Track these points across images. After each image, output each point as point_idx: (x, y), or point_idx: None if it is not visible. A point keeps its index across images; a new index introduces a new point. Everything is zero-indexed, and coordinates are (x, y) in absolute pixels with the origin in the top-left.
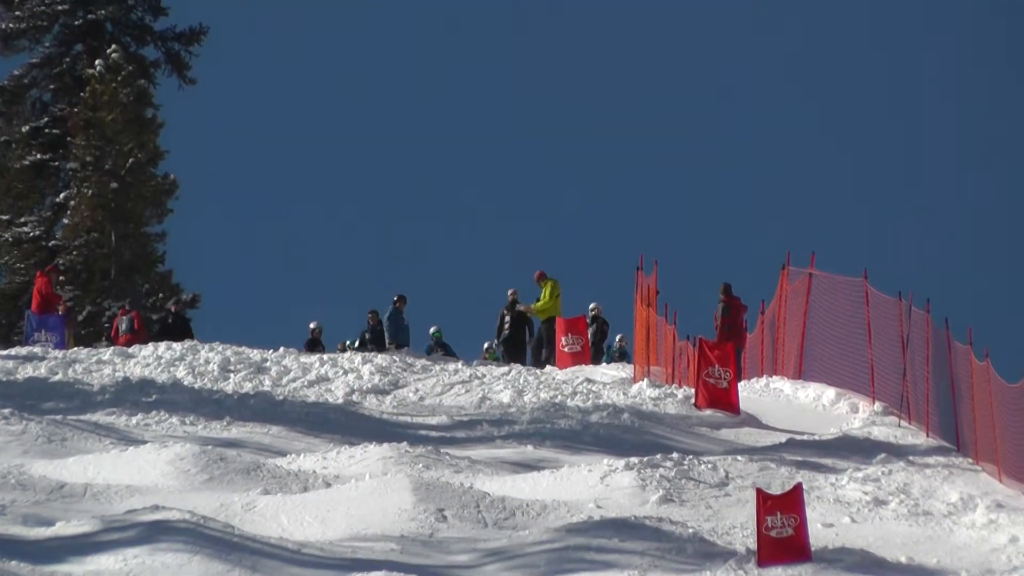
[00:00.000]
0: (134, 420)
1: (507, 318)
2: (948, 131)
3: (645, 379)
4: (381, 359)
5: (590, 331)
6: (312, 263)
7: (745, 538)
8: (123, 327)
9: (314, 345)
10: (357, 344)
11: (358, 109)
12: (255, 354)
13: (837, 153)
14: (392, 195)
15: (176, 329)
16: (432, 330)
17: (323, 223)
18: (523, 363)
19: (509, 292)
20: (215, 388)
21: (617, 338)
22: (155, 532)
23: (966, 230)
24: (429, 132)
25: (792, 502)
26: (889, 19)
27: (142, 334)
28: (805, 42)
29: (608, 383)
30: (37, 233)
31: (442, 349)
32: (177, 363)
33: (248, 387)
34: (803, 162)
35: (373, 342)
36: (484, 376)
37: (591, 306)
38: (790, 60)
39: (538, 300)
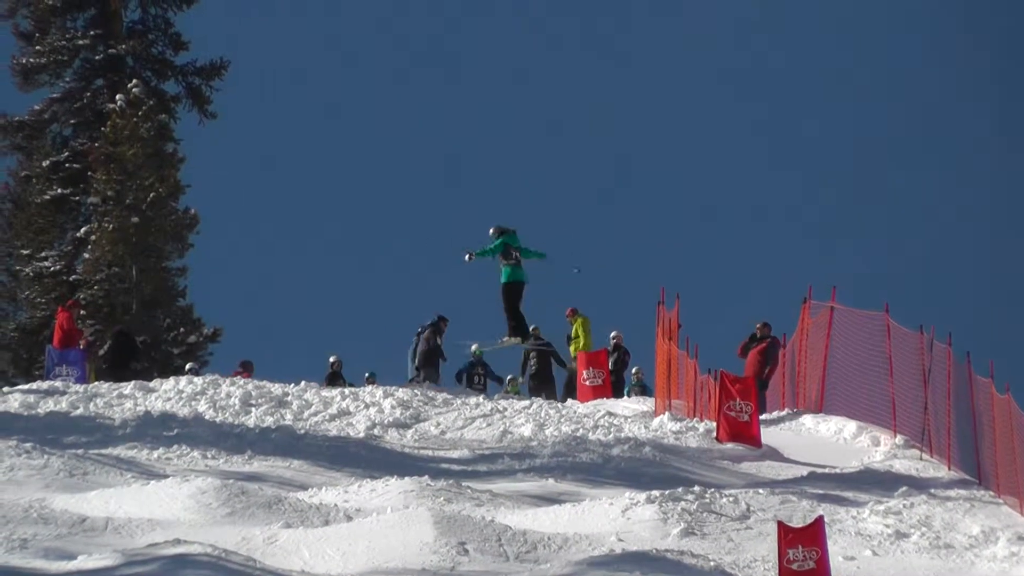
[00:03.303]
0: (155, 454)
1: (532, 353)
2: (970, 165)
3: (666, 412)
4: (402, 393)
5: (611, 360)
6: (333, 295)
7: (766, 571)
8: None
9: (334, 379)
10: (415, 357)
11: (381, 141)
12: (276, 388)
13: (859, 187)
14: (412, 227)
15: (123, 348)
16: (473, 348)
17: (344, 255)
18: (552, 398)
19: (531, 328)
20: (236, 422)
21: (634, 370)
22: (177, 566)
23: (988, 264)
24: (453, 166)
25: (813, 535)
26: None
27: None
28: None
29: (629, 416)
30: (58, 268)
31: (482, 367)
32: (198, 397)
33: (269, 421)
34: (825, 196)
35: (426, 359)
36: (505, 410)
37: (612, 335)
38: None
39: (571, 337)
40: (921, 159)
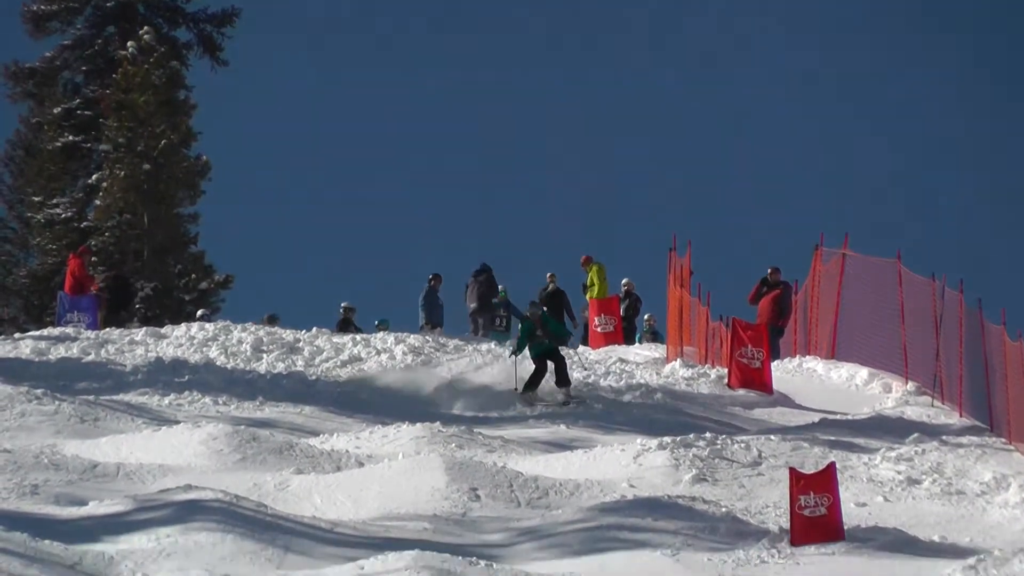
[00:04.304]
0: (167, 400)
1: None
2: (981, 110)
3: (678, 359)
4: (414, 339)
5: (623, 307)
6: (344, 243)
7: (778, 517)
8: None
9: (346, 325)
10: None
11: (392, 90)
12: (287, 334)
13: (871, 135)
14: (425, 174)
15: (116, 295)
16: (500, 288)
17: (356, 203)
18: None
19: (548, 276)
20: (248, 368)
21: (646, 317)
22: (188, 511)
23: (1001, 210)
24: (466, 109)
25: (825, 481)
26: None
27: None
28: (842, 20)
29: (641, 363)
30: (69, 215)
31: (507, 309)
32: (210, 343)
33: (281, 367)
34: (838, 143)
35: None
36: (517, 355)
37: (623, 282)
38: (819, 30)
39: (586, 285)
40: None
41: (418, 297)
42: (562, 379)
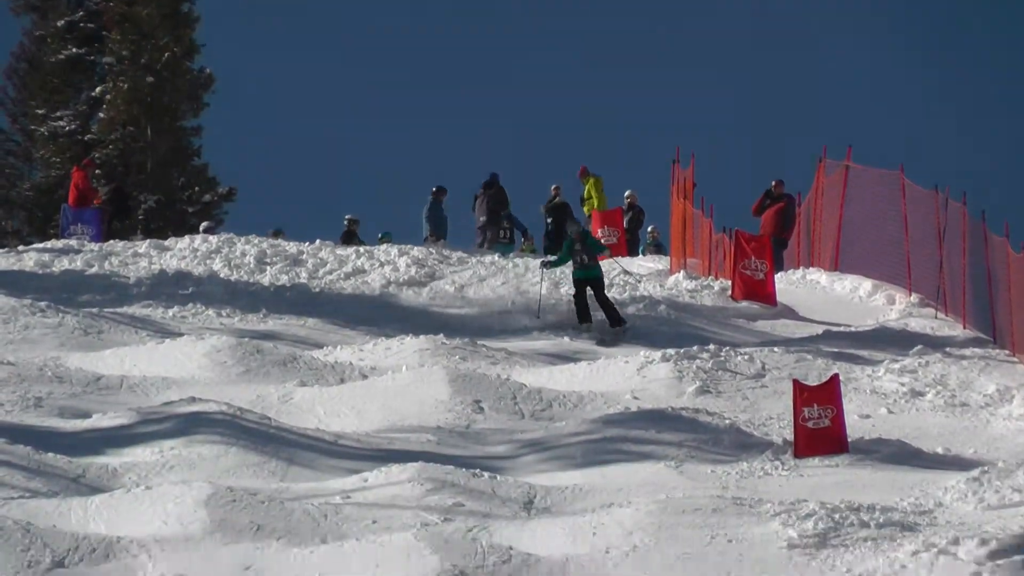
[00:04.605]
0: (170, 312)
1: (548, 217)
2: (985, 20)
3: (681, 271)
4: (417, 251)
5: (626, 219)
6: (348, 157)
7: (782, 429)
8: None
9: (350, 238)
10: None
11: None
12: (291, 247)
13: (874, 48)
14: (430, 90)
15: (116, 205)
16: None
17: (360, 117)
18: None
19: (552, 188)
20: (251, 281)
21: (649, 229)
22: (192, 424)
23: (1004, 122)
24: (466, 27)
25: (829, 393)
26: None
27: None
28: None
29: (644, 275)
30: (73, 127)
31: (510, 221)
32: (213, 256)
33: (284, 279)
34: (839, 54)
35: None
36: (520, 267)
37: (626, 194)
38: None
39: (584, 198)
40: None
41: (422, 210)
42: (614, 319)
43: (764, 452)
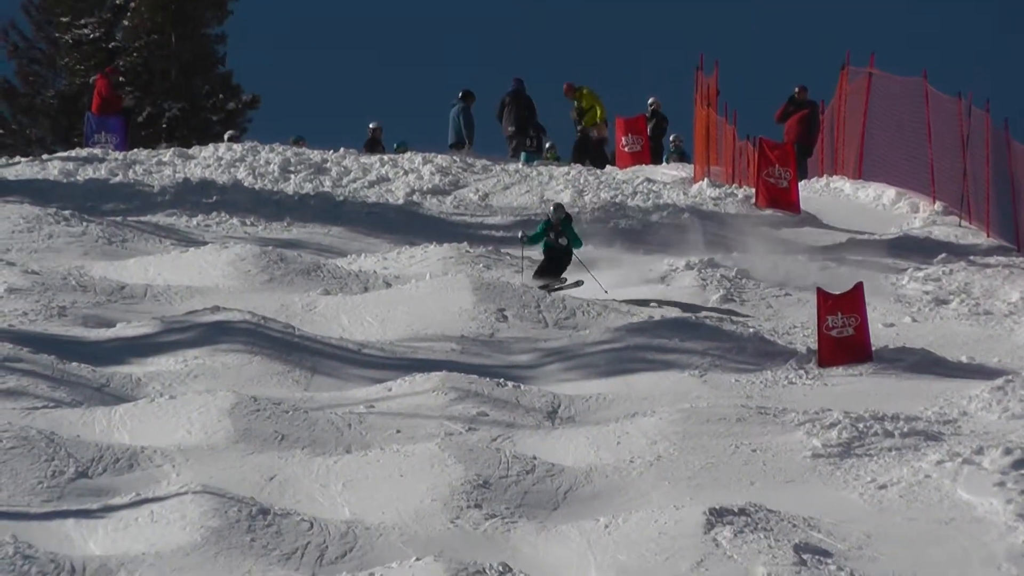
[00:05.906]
0: (194, 221)
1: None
2: None
3: (705, 179)
4: (441, 159)
5: (649, 126)
6: (371, 66)
7: (806, 338)
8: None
9: (374, 145)
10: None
11: None
12: (315, 155)
13: None
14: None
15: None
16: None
17: (383, 26)
18: (596, 166)
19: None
20: (275, 189)
21: (672, 137)
22: (215, 333)
23: None
24: None
25: (853, 301)
26: None
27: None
28: None
29: (668, 183)
30: (97, 35)
31: (536, 130)
32: (237, 164)
33: (308, 188)
34: None
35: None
36: (544, 176)
37: (650, 101)
38: None
39: (582, 110)
40: None
41: (450, 113)
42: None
43: (788, 361)
